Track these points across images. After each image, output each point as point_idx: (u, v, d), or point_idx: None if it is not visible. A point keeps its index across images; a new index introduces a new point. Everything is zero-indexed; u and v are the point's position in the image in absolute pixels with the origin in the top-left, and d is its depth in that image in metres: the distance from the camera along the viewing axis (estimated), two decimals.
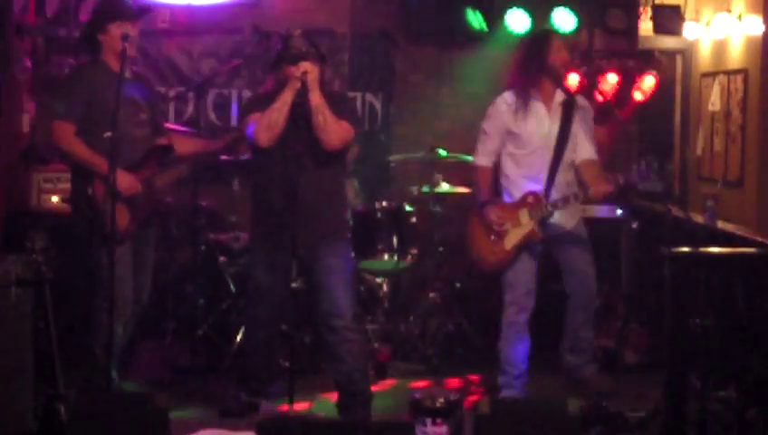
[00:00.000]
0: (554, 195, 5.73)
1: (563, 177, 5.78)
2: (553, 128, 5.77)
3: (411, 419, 4.66)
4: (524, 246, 5.75)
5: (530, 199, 5.74)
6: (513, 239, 5.75)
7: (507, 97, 5.80)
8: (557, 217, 5.79)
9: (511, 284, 5.81)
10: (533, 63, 5.76)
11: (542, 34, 6.04)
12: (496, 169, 5.90)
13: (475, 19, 7.60)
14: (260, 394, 5.63)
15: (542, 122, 5.76)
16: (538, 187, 5.74)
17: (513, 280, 5.80)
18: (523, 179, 5.78)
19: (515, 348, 5.83)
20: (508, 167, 5.83)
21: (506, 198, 5.84)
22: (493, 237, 5.76)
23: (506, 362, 5.84)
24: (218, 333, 6.59)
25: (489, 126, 5.82)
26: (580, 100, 5.94)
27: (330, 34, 7.80)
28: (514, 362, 5.83)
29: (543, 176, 5.75)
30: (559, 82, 5.80)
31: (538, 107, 5.76)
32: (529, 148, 5.76)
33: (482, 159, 5.85)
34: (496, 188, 5.89)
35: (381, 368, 6.41)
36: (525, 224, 5.72)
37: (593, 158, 5.81)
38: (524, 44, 6.01)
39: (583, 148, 5.80)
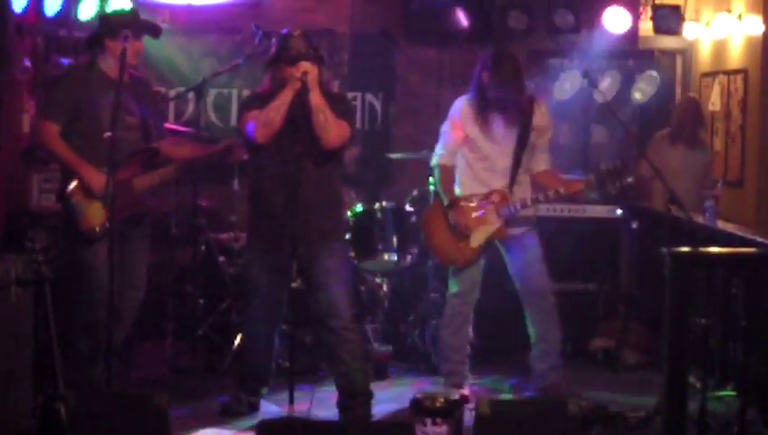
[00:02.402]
0: (517, 194, 5.81)
1: (521, 179, 5.85)
2: (510, 138, 5.79)
3: (411, 419, 4.67)
4: (490, 243, 5.84)
5: (495, 198, 5.80)
6: (480, 237, 5.81)
7: (467, 101, 5.85)
8: None
9: (458, 275, 5.90)
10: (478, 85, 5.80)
11: (487, 61, 5.82)
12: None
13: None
14: (260, 394, 5.63)
15: (497, 132, 5.79)
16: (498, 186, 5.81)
17: (461, 272, 5.89)
18: (476, 182, 5.83)
19: (459, 336, 5.95)
20: (464, 167, 5.87)
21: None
22: (458, 236, 5.82)
23: (450, 350, 5.95)
24: (218, 333, 6.58)
25: (449, 126, 5.87)
26: (538, 114, 5.85)
27: (330, 34, 7.80)
28: (459, 349, 5.96)
29: (498, 180, 5.79)
30: (504, 106, 5.78)
31: (496, 117, 5.78)
32: (484, 153, 5.81)
33: (443, 157, 5.87)
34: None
35: (381, 368, 6.41)
36: (493, 222, 5.79)
37: (549, 168, 5.92)
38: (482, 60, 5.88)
39: (540, 159, 5.88)
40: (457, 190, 5.87)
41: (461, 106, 5.85)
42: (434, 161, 5.93)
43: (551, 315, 5.94)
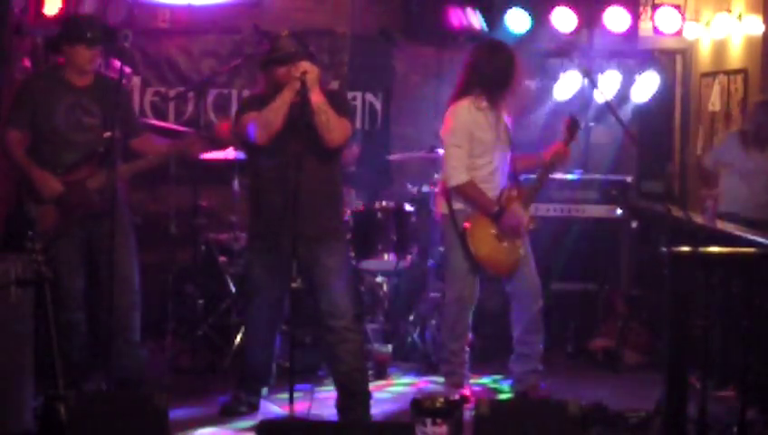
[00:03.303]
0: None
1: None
2: (507, 136, 5.82)
3: (411, 419, 4.67)
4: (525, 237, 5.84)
5: (514, 193, 5.80)
6: (520, 236, 5.82)
7: (470, 103, 5.74)
8: None
9: (457, 281, 5.87)
10: (500, 79, 5.72)
11: (510, 55, 5.78)
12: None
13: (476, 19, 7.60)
14: (260, 394, 5.63)
15: (501, 131, 5.78)
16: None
17: (461, 278, 5.85)
18: (481, 185, 5.76)
19: (460, 341, 5.93)
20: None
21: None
22: (505, 242, 5.78)
23: (451, 354, 5.93)
24: (218, 333, 6.59)
25: (458, 139, 5.73)
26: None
27: (330, 34, 7.79)
28: (459, 352, 5.93)
29: (499, 180, 5.78)
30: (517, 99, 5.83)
31: (499, 116, 5.78)
32: (491, 157, 5.76)
33: (464, 173, 5.71)
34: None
35: (381, 368, 6.41)
36: (524, 216, 5.80)
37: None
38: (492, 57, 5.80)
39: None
40: (461, 204, 5.80)
41: (468, 113, 5.71)
42: (456, 181, 5.70)
43: (536, 319, 5.90)
